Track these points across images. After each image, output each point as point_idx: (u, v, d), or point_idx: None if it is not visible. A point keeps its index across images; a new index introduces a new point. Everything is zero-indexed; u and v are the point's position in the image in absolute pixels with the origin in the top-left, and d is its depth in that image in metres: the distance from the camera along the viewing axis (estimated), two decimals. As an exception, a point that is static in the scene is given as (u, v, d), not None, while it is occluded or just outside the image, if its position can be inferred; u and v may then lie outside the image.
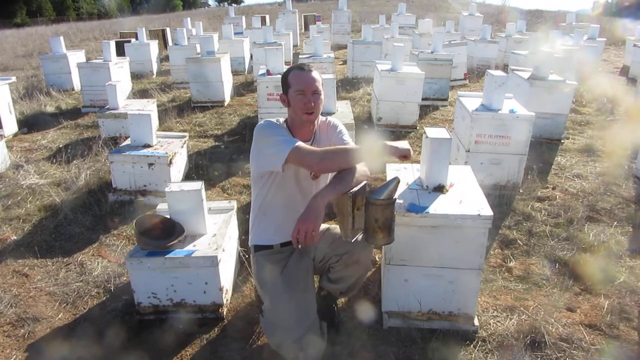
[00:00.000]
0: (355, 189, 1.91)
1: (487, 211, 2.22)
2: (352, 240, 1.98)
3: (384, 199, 1.86)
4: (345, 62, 9.75)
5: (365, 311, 2.53)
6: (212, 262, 2.45)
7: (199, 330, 2.48)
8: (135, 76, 8.94)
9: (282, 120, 2.16)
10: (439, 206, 2.28)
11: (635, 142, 4.96)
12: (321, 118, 2.20)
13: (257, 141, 2.07)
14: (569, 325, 2.48)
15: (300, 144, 1.97)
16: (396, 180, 1.90)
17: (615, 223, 3.52)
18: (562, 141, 5.15)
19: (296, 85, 2.03)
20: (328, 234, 2.22)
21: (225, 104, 6.95)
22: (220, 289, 2.52)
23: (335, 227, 2.20)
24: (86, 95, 7.00)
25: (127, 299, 2.71)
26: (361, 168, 2.01)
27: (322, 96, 2.08)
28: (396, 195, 1.93)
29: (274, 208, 2.15)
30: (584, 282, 2.86)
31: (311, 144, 2.14)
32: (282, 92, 2.12)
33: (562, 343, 2.34)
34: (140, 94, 7.69)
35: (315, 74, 2.06)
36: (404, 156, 2.00)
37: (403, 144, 2.04)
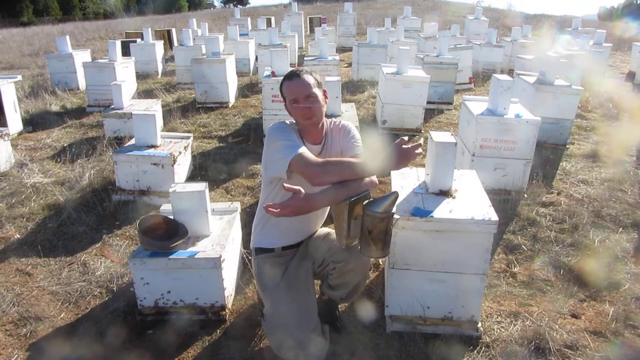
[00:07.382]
0: (355, 197, 1.86)
1: (492, 216, 2.21)
2: (348, 247, 1.96)
3: (378, 212, 1.83)
4: (350, 65, 9.74)
5: (368, 315, 2.52)
6: (215, 263, 2.44)
7: (201, 331, 2.48)
8: (140, 76, 8.96)
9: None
10: (444, 210, 2.27)
11: (641, 148, 4.94)
12: (334, 120, 2.18)
13: (267, 145, 2.06)
14: (574, 332, 2.46)
15: (303, 151, 1.92)
16: (394, 195, 1.85)
17: (620, 229, 3.50)
18: (568, 146, 5.12)
19: (288, 95, 2.04)
20: (327, 239, 2.20)
21: (230, 105, 6.95)
22: (223, 291, 2.52)
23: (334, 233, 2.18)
24: (91, 94, 7.02)
25: (130, 299, 2.70)
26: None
27: (321, 96, 2.04)
28: (394, 210, 1.89)
29: None
30: (589, 289, 2.84)
31: (322, 147, 2.12)
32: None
33: (566, 350, 2.32)
34: (145, 94, 7.71)
35: (305, 77, 2.03)
36: (405, 157, 1.86)
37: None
